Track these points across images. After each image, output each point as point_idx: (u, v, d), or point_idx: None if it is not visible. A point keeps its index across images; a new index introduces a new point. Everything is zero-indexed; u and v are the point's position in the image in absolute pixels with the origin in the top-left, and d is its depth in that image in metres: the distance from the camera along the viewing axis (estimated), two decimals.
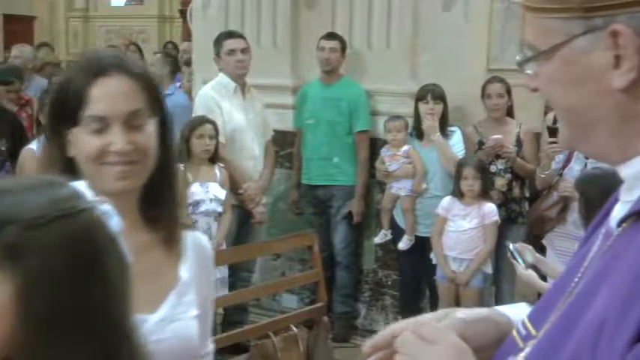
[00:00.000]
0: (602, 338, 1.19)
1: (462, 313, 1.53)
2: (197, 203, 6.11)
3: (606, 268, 1.30)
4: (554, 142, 5.58)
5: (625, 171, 1.36)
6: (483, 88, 6.56)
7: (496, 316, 1.56)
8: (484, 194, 6.17)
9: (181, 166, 6.07)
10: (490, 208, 6.12)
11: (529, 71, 1.41)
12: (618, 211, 1.38)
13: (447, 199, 6.28)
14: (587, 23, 1.28)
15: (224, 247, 6.21)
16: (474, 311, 1.56)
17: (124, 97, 1.99)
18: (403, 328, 1.44)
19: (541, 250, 6.04)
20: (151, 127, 2.03)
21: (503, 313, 1.58)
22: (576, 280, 1.39)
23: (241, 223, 6.62)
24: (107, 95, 1.97)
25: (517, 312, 1.57)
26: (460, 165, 6.22)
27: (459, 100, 6.81)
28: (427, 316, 1.48)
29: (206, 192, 6.12)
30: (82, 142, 1.98)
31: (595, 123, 1.33)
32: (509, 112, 6.63)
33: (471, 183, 6.09)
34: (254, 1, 7.70)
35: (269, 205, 7.05)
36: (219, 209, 6.19)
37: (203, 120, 6.24)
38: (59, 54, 15.95)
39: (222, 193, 6.16)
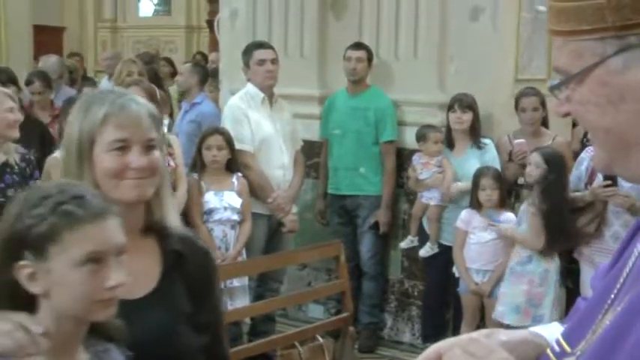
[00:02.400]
0: None
1: (504, 335, 1.54)
2: (211, 211, 6.15)
3: None
4: (609, 186, 5.53)
5: None
6: (517, 101, 6.51)
7: (534, 338, 1.56)
8: (502, 204, 6.13)
9: (195, 176, 6.13)
10: (509, 218, 6.07)
11: (561, 96, 1.38)
12: None
13: (466, 212, 6.24)
14: (621, 42, 1.27)
15: (244, 256, 6.22)
16: (514, 333, 1.57)
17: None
18: (449, 346, 1.43)
19: (571, 261, 6.00)
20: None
21: (539, 333, 1.58)
22: (612, 296, 1.38)
23: (272, 232, 6.62)
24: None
25: (551, 331, 1.56)
26: (477, 176, 6.16)
27: (487, 110, 6.78)
28: (472, 335, 1.47)
29: (220, 200, 6.14)
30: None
31: (634, 143, 1.31)
32: (544, 123, 6.57)
33: (489, 193, 6.05)
34: (281, 12, 7.71)
35: (296, 215, 7.05)
36: (235, 217, 6.19)
37: (213, 131, 6.29)
38: (88, 64, 16.07)
39: (237, 202, 6.16)
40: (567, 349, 1.42)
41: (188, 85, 8.86)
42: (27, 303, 1.95)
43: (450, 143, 6.68)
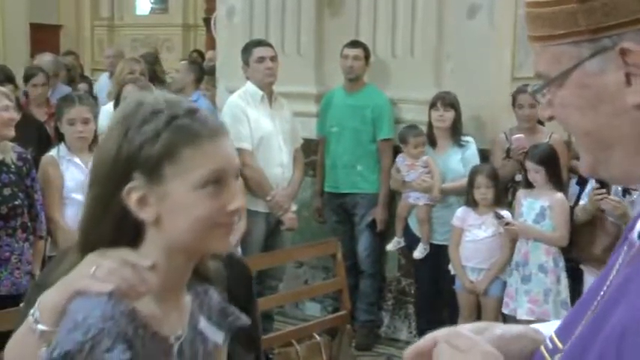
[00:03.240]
0: (625, 346, 1.19)
1: (500, 329, 1.54)
2: None
3: (628, 279, 1.29)
4: (602, 192, 5.53)
5: None
6: (514, 98, 6.54)
7: (532, 333, 1.57)
8: (498, 202, 6.14)
9: None
10: (505, 215, 6.07)
11: (543, 100, 1.41)
12: None
13: (461, 209, 6.26)
14: (595, 45, 1.29)
15: (239, 253, 6.21)
16: (511, 328, 1.58)
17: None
18: (443, 336, 1.43)
19: (577, 269, 6.00)
20: None
21: (537, 329, 1.59)
22: (602, 293, 1.39)
23: (271, 230, 6.62)
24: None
25: (549, 329, 1.56)
26: (472, 173, 6.19)
27: (483, 108, 6.79)
28: (467, 327, 1.47)
29: None
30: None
31: (614, 144, 1.33)
32: (539, 120, 6.59)
33: (484, 191, 6.07)
34: (278, 10, 7.71)
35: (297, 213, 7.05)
36: None
37: None
38: (85, 62, 16.05)
39: None
40: (560, 345, 1.43)
41: (184, 82, 8.86)
42: (133, 234, 1.76)
43: (431, 141, 6.70)
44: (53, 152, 5.55)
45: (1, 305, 4.71)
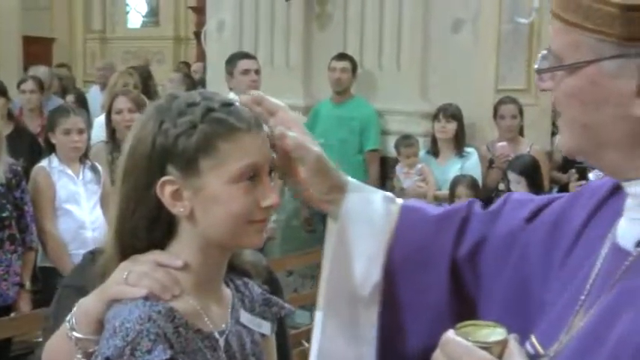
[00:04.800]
0: None
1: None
2: None
3: (631, 290, 1.28)
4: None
5: (633, 189, 1.36)
6: (496, 109, 6.57)
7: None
8: None
9: None
10: None
11: (546, 84, 1.40)
12: (628, 229, 1.37)
13: None
14: (619, 49, 1.28)
15: None
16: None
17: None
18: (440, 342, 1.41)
19: None
20: None
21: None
22: (583, 297, 1.38)
23: None
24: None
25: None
26: (453, 184, 6.17)
27: (468, 119, 6.79)
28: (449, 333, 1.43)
29: None
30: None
31: (608, 143, 1.33)
32: (520, 132, 6.63)
33: (464, 201, 6.02)
34: (267, 23, 7.71)
35: (282, 222, 7.04)
36: None
37: None
38: (77, 75, 16.01)
39: None
40: (540, 350, 1.42)
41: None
42: (166, 229, 1.71)
43: (434, 151, 6.71)
44: (44, 163, 5.48)
45: None
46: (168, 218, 1.70)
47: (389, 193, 1.81)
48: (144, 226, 1.70)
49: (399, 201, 1.79)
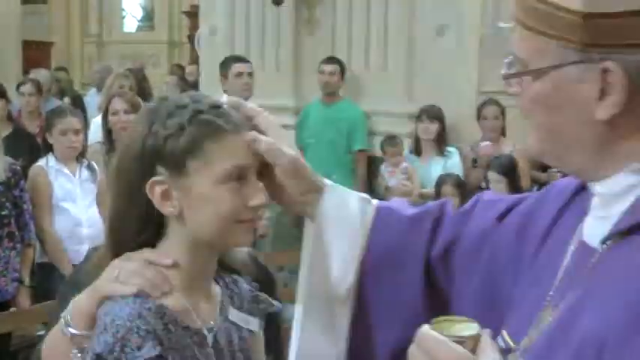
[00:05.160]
0: (607, 356, 1.18)
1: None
2: None
3: (596, 286, 1.27)
4: None
5: (598, 189, 1.35)
6: (479, 111, 6.57)
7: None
8: None
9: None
10: None
11: (513, 89, 1.39)
12: (594, 227, 1.36)
13: None
14: (582, 55, 1.27)
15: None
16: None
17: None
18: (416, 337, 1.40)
19: None
20: None
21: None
22: (551, 293, 1.38)
23: None
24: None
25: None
26: (439, 183, 6.18)
27: (452, 120, 6.82)
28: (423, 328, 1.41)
29: None
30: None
31: (573, 146, 1.33)
32: (502, 132, 6.64)
33: (450, 199, 6.02)
34: (258, 27, 7.71)
35: (273, 219, 7.02)
36: None
37: None
38: (75, 77, 15.97)
39: None
40: (512, 344, 1.42)
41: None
42: (156, 228, 1.69)
43: (417, 151, 6.73)
44: (42, 162, 5.46)
45: None
46: (158, 218, 1.68)
47: (364, 195, 1.80)
48: (134, 225, 1.69)
49: (374, 202, 1.78)
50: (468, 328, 1.34)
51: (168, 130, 1.63)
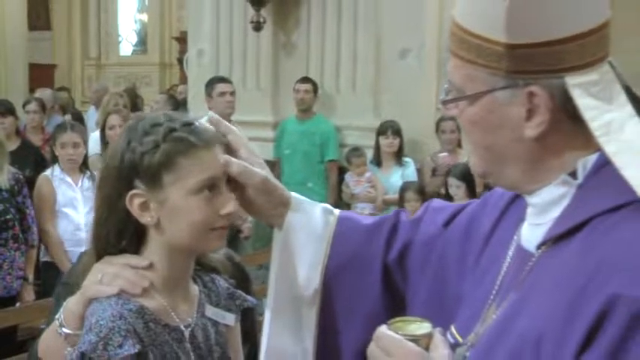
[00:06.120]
0: (543, 351, 1.18)
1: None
2: None
3: (533, 287, 1.28)
4: None
5: (533, 199, 1.35)
6: (438, 125, 6.61)
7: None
8: None
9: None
10: None
11: (452, 111, 1.39)
12: (530, 233, 1.37)
13: None
14: (508, 81, 1.28)
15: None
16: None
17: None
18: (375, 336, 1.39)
19: None
20: None
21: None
22: (494, 292, 1.38)
23: (231, 238, 6.57)
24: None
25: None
26: (402, 189, 6.20)
27: (414, 134, 6.86)
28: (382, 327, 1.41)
29: None
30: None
31: (508, 162, 1.33)
32: (459, 144, 6.67)
33: (413, 204, 6.02)
34: (240, 51, 7.71)
35: (254, 222, 7.01)
36: None
37: None
38: (75, 96, 15.87)
39: None
40: (460, 339, 1.41)
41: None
42: (135, 236, 1.68)
43: (378, 161, 6.77)
44: (48, 172, 5.52)
45: None
46: (137, 226, 1.67)
47: (328, 206, 1.79)
48: (115, 233, 1.68)
49: (337, 212, 1.77)
50: (422, 327, 1.35)
51: (145, 146, 1.62)
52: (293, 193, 1.75)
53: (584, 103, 1.25)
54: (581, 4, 1.26)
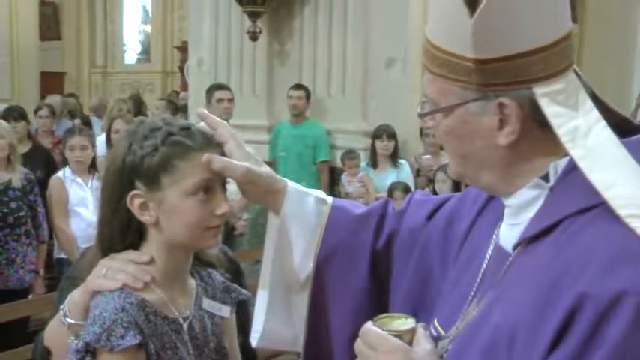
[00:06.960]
0: (516, 346, 1.18)
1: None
2: None
3: (508, 285, 1.28)
4: None
5: (509, 201, 1.35)
6: (421, 129, 6.63)
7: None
8: None
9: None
10: None
11: (429, 123, 1.39)
12: (507, 233, 1.36)
13: None
14: (479, 93, 1.28)
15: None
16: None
17: None
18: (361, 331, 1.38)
19: None
20: None
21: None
22: (474, 289, 1.38)
23: (226, 236, 6.55)
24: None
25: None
26: (391, 189, 6.19)
27: (400, 137, 6.86)
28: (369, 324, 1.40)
29: None
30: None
31: (483, 169, 1.33)
32: (441, 147, 6.67)
33: (400, 203, 6.02)
34: (237, 60, 7.71)
35: (251, 220, 6.99)
36: None
37: None
38: (84, 102, 15.85)
39: None
40: (442, 332, 1.41)
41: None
42: (136, 234, 1.69)
43: (373, 163, 6.73)
44: (60, 174, 5.55)
45: (10, 297, 4.74)
46: (138, 225, 1.68)
47: (322, 195, 1.77)
48: (118, 231, 1.69)
49: (330, 201, 1.75)
50: (406, 323, 1.35)
51: (144, 150, 1.63)
52: (289, 182, 1.74)
53: (551, 111, 1.25)
54: (543, 19, 1.25)
